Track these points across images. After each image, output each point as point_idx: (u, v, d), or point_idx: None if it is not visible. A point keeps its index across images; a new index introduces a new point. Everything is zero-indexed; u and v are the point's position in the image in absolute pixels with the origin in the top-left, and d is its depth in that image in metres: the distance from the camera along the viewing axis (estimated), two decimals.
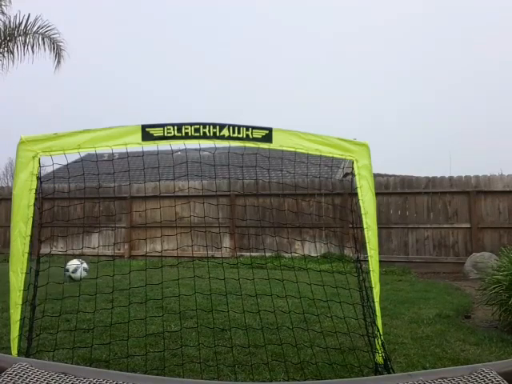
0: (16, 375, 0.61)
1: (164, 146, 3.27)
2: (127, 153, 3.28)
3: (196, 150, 3.44)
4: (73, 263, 7.51)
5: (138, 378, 0.66)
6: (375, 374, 3.25)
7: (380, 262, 3.58)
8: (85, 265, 7.44)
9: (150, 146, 3.26)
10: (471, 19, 57.30)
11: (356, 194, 3.48)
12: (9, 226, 3.04)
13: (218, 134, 3.26)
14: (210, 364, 3.56)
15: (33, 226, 3.02)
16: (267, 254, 9.30)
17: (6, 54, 12.61)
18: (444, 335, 4.42)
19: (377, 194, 3.92)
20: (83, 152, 3.26)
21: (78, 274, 7.30)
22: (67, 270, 7.31)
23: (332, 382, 0.84)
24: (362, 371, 3.42)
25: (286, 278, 4.50)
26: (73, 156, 3.34)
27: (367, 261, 3.48)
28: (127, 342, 3.74)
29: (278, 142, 3.32)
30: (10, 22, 12.43)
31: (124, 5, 64.49)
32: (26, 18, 12.36)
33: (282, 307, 4.84)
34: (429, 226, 9.81)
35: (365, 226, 3.44)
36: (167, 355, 3.72)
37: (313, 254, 9.04)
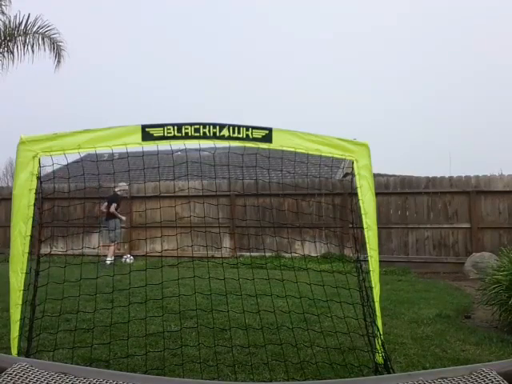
0: (16, 375, 0.61)
1: (164, 145, 3.27)
2: (127, 153, 3.28)
3: (196, 150, 3.44)
4: None
5: (138, 378, 0.66)
6: (375, 374, 3.25)
7: (380, 261, 3.58)
8: None
9: (150, 146, 3.26)
10: (471, 19, 57.29)
11: (356, 194, 3.48)
12: (9, 226, 3.05)
13: (218, 134, 3.26)
14: (210, 364, 3.56)
15: (33, 226, 3.02)
16: (267, 254, 9.29)
17: (6, 54, 12.60)
18: (444, 335, 4.42)
19: (377, 194, 3.91)
20: (83, 152, 3.26)
21: None
22: None
23: (332, 382, 0.83)
24: (362, 371, 3.42)
25: (286, 278, 4.50)
26: (73, 156, 3.35)
27: (367, 261, 3.48)
28: (127, 342, 3.74)
29: (278, 142, 3.32)
30: (9, 21, 12.42)
31: (124, 5, 64.51)
32: (25, 17, 12.36)
33: (282, 307, 4.83)
34: (429, 225, 9.80)
35: (365, 226, 3.44)
36: (167, 355, 3.72)
37: (313, 254, 9.04)
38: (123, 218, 10.15)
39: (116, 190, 10.20)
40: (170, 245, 9.37)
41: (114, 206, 10.04)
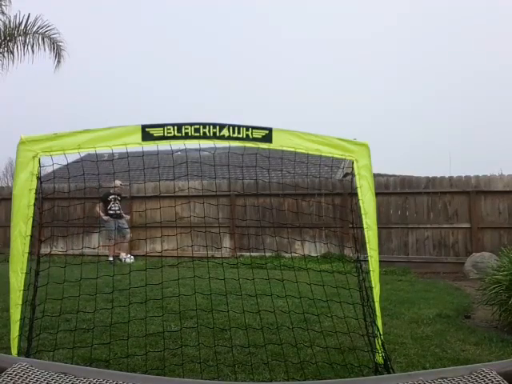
0: (16, 375, 0.61)
1: (164, 145, 3.27)
2: (127, 153, 3.28)
3: (196, 150, 3.44)
4: None
5: (138, 378, 0.66)
6: (375, 374, 3.25)
7: (380, 261, 3.58)
8: None
9: (150, 146, 3.26)
10: (471, 19, 57.30)
11: (356, 194, 3.48)
12: (9, 226, 3.04)
13: (218, 134, 3.26)
14: (210, 364, 3.56)
15: (33, 226, 3.02)
16: (267, 254, 9.29)
17: (5, 54, 12.60)
18: (444, 335, 4.42)
19: (377, 194, 3.91)
20: (83, 152, 3.26)
21: None
22: None
23: (332, 382, 0.83)
24: (362, 371, 3.42)
25: (286, 278, 4.50)
26: (73, 156, 3.35)
27: (367, 261, 3.48)
28: (127, 342, 3.74)
29: (278, 142, 3.32)
30: (9, 21, 12.43)
31: (124, 5, 64.54)
32: (25, 17, 12.36)
33: (282, 307, 4.83)
34: (429, 225, 9.80)
35: (365, 225, 3.44)
36: (167, 355, 3.72)
37: (313, 254, 9.03)
38: (105, 218, 10.24)
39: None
40: (169, 245, 9.37)
41: (99, 205, 10.24)
